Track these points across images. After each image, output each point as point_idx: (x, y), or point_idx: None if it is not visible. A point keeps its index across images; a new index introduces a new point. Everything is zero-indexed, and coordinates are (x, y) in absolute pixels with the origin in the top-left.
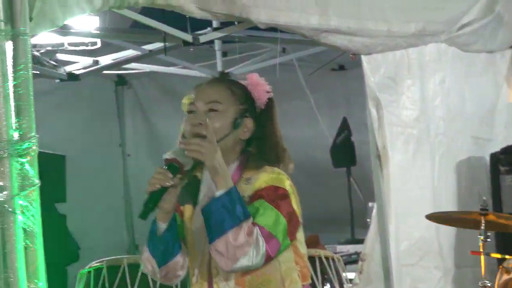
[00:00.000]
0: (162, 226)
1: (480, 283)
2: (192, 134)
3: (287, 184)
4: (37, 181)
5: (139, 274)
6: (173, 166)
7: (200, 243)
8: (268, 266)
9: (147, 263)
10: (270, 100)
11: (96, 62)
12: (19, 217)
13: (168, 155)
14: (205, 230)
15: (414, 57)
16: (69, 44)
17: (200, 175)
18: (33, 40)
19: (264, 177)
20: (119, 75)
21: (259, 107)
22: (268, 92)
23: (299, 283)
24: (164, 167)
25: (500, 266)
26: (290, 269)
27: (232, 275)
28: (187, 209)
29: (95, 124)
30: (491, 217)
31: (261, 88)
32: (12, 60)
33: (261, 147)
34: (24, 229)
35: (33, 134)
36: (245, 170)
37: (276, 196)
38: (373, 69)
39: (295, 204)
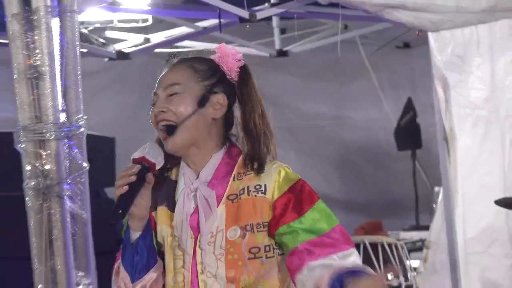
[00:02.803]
0: (136, 234)
1: None
2: (156, 124)
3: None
4: (85, 164)
5: None
6: (142, 165)
7: (185, 243)
8: (266, 267)
9: (120, 280)
10: (243, 69)
11: (147, 40)
12: (67, 202)
13: (136, 155)
14: (189, 232)
15: (483, 35)
16: (119, 21)
17: (174, 176)
18: (81, 17)
19: (279, 179)
20: (171, 54)
21: (233, 79)
22: (239, 60)
23: None
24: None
25: None
26: (287, 275)
27: (222, 272)
28: (162, 212)
29: (147, 105)
30: None
31: (230, 57)
32: (59, 38)
33: (245, 127)
34: (72, 215)
35: (81, 115)
36: (247, 171)
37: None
38: (440, 47)
39: None
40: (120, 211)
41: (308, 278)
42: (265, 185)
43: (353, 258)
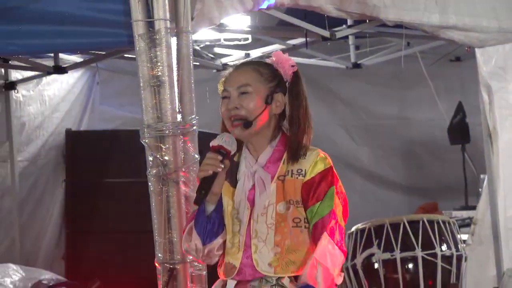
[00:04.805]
0: (211, 207)
1: None
2: (228, 118)
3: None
4: (197, 156)
5: None
6: (221, 153)
7: (242, 213)
8: (305, 235)
9: (192, 241)
10: (295, 73)
11: (247, 55)
12: (182, 187)
13: (214, 143)
14: (246, 204)
15: None
16: (225, 40)
17: (236, 158)
18: (194, 37)
19: (316, 162)
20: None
21: (287, 81)
22: (293, 66)
23: None
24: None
25: None
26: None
27: (271, 237)
28: (225, 186)
29: None
30: None
31: (286, 63)
32: (176, 53)
33: (293, 120)
34: (186, 197)
35: (193, 116)
36: (291, 157)
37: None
38: (485, 60)
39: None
40: (203, 191)
41: None
42: (305, 170)
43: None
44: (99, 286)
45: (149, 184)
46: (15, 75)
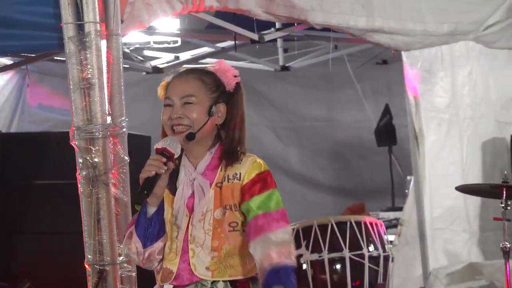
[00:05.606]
0: (152, 209)
1: (501, 244)
2: (170, 126)
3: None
4: (127, 158)
5: None
6: (164, 155)
7: (180, 220)
8: (244, 238)
9: (133, 244)
10: (237, 84)
11: (177, 58)
12: (112, 189)
13: (159, 145)
14: (185, 211)
15: (446, 53)
16: (154, 42)
17: (176, 166)
18: (124, 39)
19: (251, 168)
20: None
21: (228, 91)
22: (235, 76)
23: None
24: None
25: None
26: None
27: (208, 243)
28: (165, 193)
29: None
30: None
31: (229, 73)
32: (106, 56)
33: (229, 128)
34: (116, 199)
35: (123, 118)
36: (227, 163)
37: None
38: (411, 63)
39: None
40: (145, 191)
41: (254, 250)
42: (240, 173)
43: (287, 236)
44: (29, 287)
45: (79, 186)
46: None
